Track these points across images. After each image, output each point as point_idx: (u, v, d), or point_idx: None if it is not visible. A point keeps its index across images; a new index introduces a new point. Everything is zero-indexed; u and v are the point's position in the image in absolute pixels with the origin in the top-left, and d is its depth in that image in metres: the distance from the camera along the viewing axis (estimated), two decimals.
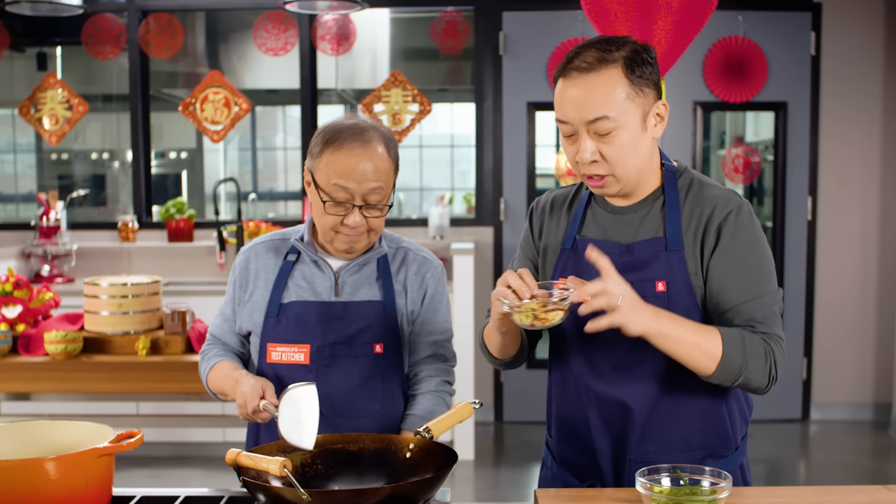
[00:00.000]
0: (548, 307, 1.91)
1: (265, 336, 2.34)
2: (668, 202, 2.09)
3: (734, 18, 6.15)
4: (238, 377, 2.26)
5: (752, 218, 2.07)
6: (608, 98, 1.98)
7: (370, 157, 2.20)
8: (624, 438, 2.12)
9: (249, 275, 2.39)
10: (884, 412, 6.43)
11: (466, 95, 7.98)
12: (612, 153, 2.01)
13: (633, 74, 2.00)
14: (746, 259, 2.03)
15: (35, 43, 7.24)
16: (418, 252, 2.45)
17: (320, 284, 2.34)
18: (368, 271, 2.37)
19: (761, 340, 1.99)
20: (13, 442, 2.03)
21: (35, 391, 4.05)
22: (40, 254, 6.09)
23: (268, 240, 2.43)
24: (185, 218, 6.33)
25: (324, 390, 2.24)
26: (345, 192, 2.20)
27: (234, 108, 6.36)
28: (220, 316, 2.47)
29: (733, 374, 1.96)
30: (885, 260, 6.38)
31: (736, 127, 7.18)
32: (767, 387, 2.01)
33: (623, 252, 2.09)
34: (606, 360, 2.12)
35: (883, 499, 1.93)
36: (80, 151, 8.50)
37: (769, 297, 2.04)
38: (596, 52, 2.01)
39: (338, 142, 2.21)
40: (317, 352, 2.29)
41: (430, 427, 2.03)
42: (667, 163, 2.15)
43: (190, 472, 5.33)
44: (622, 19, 3.07)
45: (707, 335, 1.95)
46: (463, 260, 5.68)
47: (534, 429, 6.21)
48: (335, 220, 2.23)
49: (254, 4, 6.43)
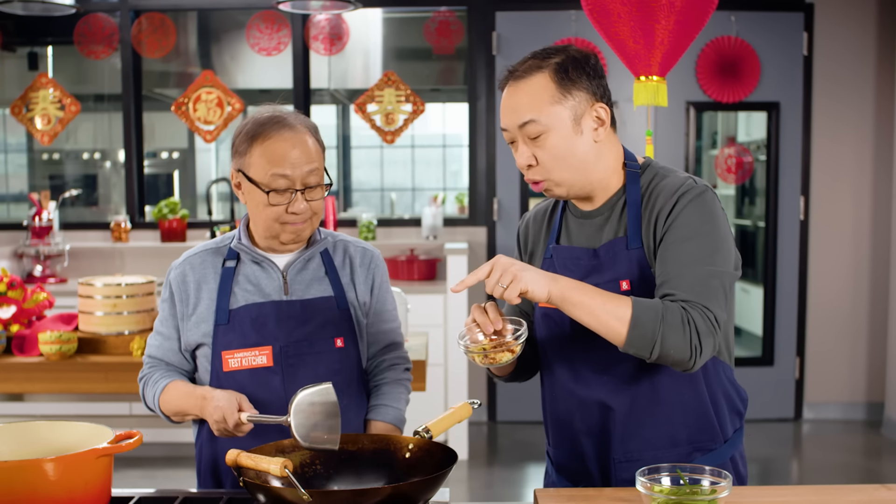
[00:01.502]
0: (497, 347, 1.94)
1: (218, 345, 2.28)
2: (629, 201, 2.10)
3: (727, 19, 6.16)
4: (204, 394, 2.18)
5: (703, 199, 2.03)
6: (534, 102, 2.04)
7: (301, 142, 2.21)
8: (607, 439, 2.14)
9: (189, 288, 2.32)
10: (876, 411, 6.45)
11: (458, 95, 7.98)
12: (545, 157, 2.05)
13: (562, 79, 2.04)
14: (689, 234, 2.00)
15: (26, 43, 7.21)
16: (357, 244, 2.45)
17: (268, 285, 2.31)
18: (314, 266, 2.36)
19: (679, 308, 1.92)
20: (11, 443, 2.02)
21: (30, 392, 4.04)
22: (32, 254, 6.07)
23: (200, 251, 2.37)
24: (178, 218, 6.31)
25: (290, 389, 2.22)
26: (285, 180, 2.19)
27: (227, 108, 6.35)
28: (159, 336, 2.38)
29: (647, 341, 1.90)
30: (877, 260, 6.40)
31: (728, 127, 7.20)
32: (692, 359, 1.92)
33: (591, 256, 2.12)
34: (585, 364, 2.14)
35: (882, 498, 1.94)
36: (72, 151, 8.48)
37: (704, 270, 1.97)
38: (532, 61, 2.08)
39: (264, 134, 2.21)
40: (280, 352, 2.26)
41: (430, 427, 2.02)
42: (630, 162, 2.16)
43: (183, 473, 5.32)
44: (625, 19, 3.06)
45: (616, 299, 1.92)
46: (456, 260, 5.69)
47: (527, 428, 6.21)
48: (279, 212, 2.21)
49: (247, 4, 6.42)
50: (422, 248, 6.28)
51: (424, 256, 6.17)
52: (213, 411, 2.12)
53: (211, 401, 2.14)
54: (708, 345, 1.94)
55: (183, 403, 2.25)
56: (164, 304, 2.37)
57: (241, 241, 2.32)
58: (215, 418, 2.11)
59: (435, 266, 6.14)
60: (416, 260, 6.08)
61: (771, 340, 6.47)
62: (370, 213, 6.42)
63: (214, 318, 2.28)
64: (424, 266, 6.08)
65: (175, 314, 2.35)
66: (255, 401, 2.22)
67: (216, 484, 2.34)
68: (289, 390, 2.24)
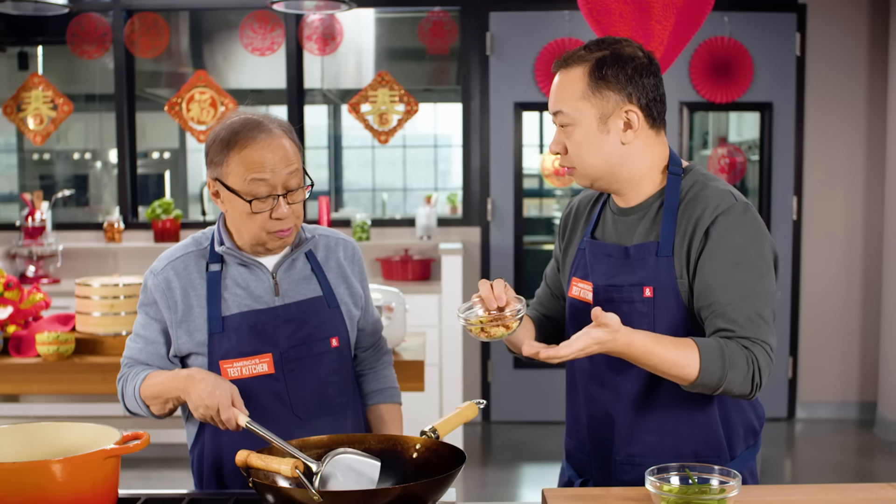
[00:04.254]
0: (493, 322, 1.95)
1: (214, 354, 2.22)
2: (667, 206, 2.09)
3: (720, 19, 6.17)
4: (191, 373, 2.10)
5: (743, 217, 2.03)
6: (565, 94, 2.09)
7: (277, 145, 2.14)
8: (609, 439, 2.16)
9: (176, 294, 2.24)
10: (868, 411, 6.47)
11: (451, 95, 7.97)
12: (571, 148, 2.11)
13: (596, 76, 2.05)
14: (734, 260, 2.01)
15: (16, 42, 7.18)
16: (335, 235, 2.42)
17: (258, 287, 2.25)
18: (300, 265, 2.32)
19: (741, 348, 1.96)
20: (17, 444, 2.01)
21: (27, 393, 4.02)
22: (25, 254, 6.04)
23: (182, 254, 2.28)
24: (172, 218, 6.29)
25: (294, 395, 2.23)
26: (265, 185, 2.12)
27: (221, 107, 6.34)
28: (140, 339, 2.30)
29: (712, 387, 1.95)
30: (869, 260, 6.43)
31: (719, 127, 7.21)
32: (751, 394, 2.00)
33: (621, 254, 2.13)
34: (604, 359, 2.13)
35: (889, 497, 1.95)
36: (62, 151, 8.44)
37: (757, 301, 2.00)
38: (582, 52, 2.10)
39: (240, 141, 2.13)
40: (280, 358, 2.23)
41: (437, 427, 2.03)
42: (673, 167, 2.14)
43: (178, 474, 5.30)
44: (627, 18, 3.07)
45: (681, 348, 1.94)
46: (451, 260, 5.69)
47: (521, 428, 6.22)
48: (264, 219, 2.15)
49: (241, 4, 6.41)
50: (416, 249, 6.28)
51: (419, 257, 6.17)
52: (205, 395, 2.04)
53: (200, 382, 2.06)
54: (766, 377, 2.00)
55: (164, 385, 2.16)
56: (146, 308, 2.29)
57: (223, 243, 2.25)
58: (208, 402, 2.03)
59: (429, 266, 6.14)
60: (410, 260, 6.08)
61: None
62: (364, 214, 6.42)
63: (207, 327, 2.22)
64: (419, 266, 6.07)
65: (161, 319, 2.27)
66: (259, 409, 2.19)
67: (219, 485, 2.32)
68: (293, 396, 2.23)
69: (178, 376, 2.13)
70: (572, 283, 2.24)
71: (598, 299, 2.14)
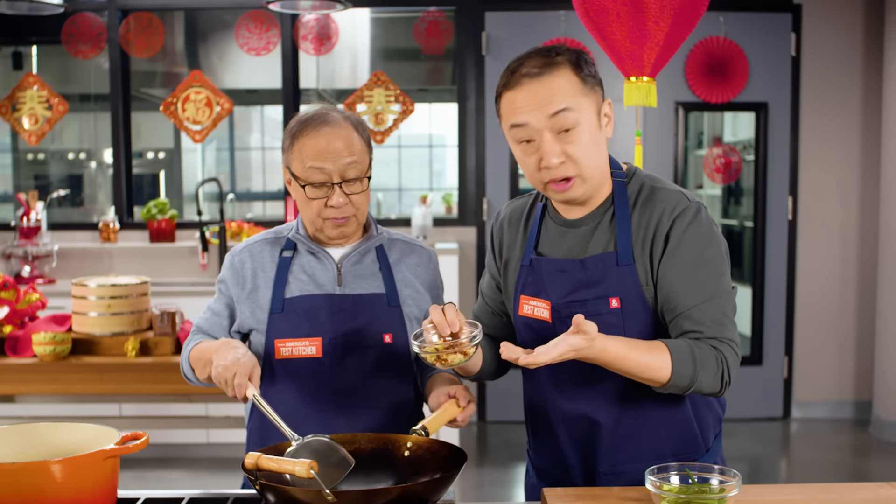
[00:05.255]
0: (450, 349, 1.91)
1: (271, 333, 2.31)
2: (619, 214, 2.06)
3: (715, 19, 6.18)
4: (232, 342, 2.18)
5: (699, 218, 2.02)
6: (565, 91, 1.97)
7: (339, 135, 2.25)
8: (593, 452, 2.14)
9: (247, 273, 2.37)
10: (864, 410, 6.49)
11: (446, 95, 7.97)
12: (578, 152, 1.98)
13: (582, 72, 2.00)
14: (695, 261, 2.00)
15: (11, 42, 7.17)
16: (413, 241, 2.49)
17: (322, 276, 2.34)
18: (369, 261, 2.38)
19: (710, 348, 1.97)
20: (16, 444, 2.00)
21: (24, 393, 4.02)
22: (21, 255, 6.03)
23: (260, 239, 2.42)
24: (167, 218, 6.29)
25: (337, 382, 2.28)
26: (322, 173, 2.23)
27: (216, 107, 6.33)
28: (209, 311, 2.43)
29: (684, 387, 1.96)
30: (864, 259, 6.44)
31: (714, 127, 7.22)
32: (721, 391, 2.00)
33: (578, 268, 2.07)
34: (569, 377, 2.12)
35: (888, 496, 1.95)
36: (57, 151, 8.42)
37: (720, 300, 2.01)
38: (539, 59, 2.00)
39: (304, 131, 2.26)
40: (329, 343, 2.28)
41: (426, 425, 2.03)
42: (616, 170, 2.11)
43: (174, 474, 5.30)
44: (624, 18, 3.07)
45: (656, 355, 1.93)
46: (447, 260, 5.69)
47: (517, 428, 6.22)
48: (319, 206, 2.26)
49: (236, 4, 6.40)
50: None
51: None
52: (229, 359, 2.08)
53: (231, 349, 2.13)
54: (734, 374, 2.00)
55: (206, 348, 2.26)
56: (220, 284, 2.43)
57: (298, 231, 2.38)
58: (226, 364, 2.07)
59: None
60: None
61: (759, 340, 6.50)
62: None
63: (270, 307, 2.32)
64: None
65: (229, 295, 2.39)
66: (304, 390, 2.28)
67: None
68: (335, 383, 2.28)
69: (218, 341, 2.24)
70: (521, 301, 2.17)
71: (558, 316, 2.08)
